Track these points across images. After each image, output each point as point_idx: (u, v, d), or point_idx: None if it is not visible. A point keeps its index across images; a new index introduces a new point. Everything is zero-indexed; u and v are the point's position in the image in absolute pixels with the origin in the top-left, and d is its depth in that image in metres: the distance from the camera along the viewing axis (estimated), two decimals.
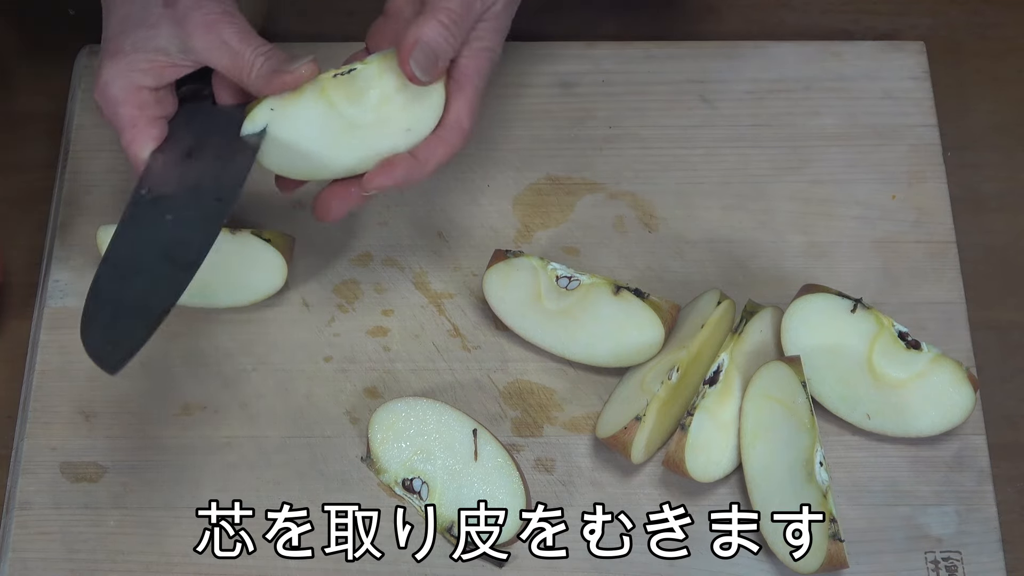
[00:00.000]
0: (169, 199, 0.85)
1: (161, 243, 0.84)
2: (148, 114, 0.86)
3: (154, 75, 0.85)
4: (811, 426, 0.88)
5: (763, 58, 1.07)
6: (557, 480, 0.93)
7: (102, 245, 0.96)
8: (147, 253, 0.84)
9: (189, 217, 0.84)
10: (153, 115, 0.86)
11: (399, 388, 0.95)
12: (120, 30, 0.85)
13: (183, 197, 0.85)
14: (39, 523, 0.91)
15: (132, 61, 0.84)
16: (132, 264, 0.84)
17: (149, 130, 0.86)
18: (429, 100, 0.87)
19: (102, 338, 0.82)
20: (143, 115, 0.85)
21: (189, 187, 0.85)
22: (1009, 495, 0.93)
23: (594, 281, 0.94)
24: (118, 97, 0.85)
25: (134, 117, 0.85)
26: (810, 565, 0.87)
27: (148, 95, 0.85)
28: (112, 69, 0.85)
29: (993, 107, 1.07)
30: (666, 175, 1.03)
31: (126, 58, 0.84)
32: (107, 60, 0.85)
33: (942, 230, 1.01)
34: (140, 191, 0.86)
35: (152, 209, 0.85)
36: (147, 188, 0.86)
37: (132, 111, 0.85)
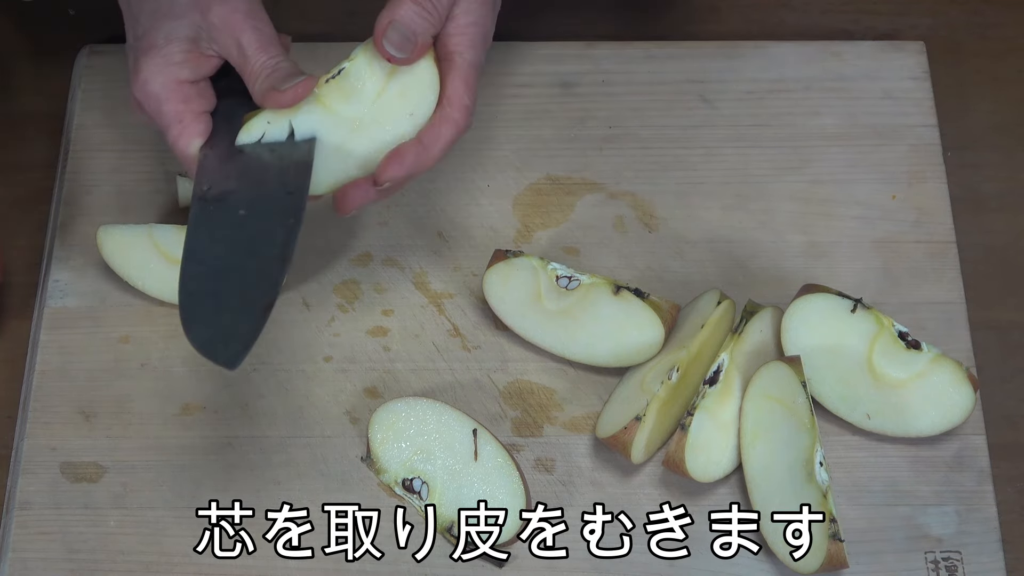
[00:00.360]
0: (235, 195, 0.84)
1: (242, 239, 0.83)
2: (193, 108, 0.84)
3: (191, 67, 0.84)
4: (811, 426, 0.88)
5: (763, 58, 1.07)
6: (557, 480, 0.93)
7: (102, 246, 0.96)
8: (231, 250, 0.83)
9: (263, 211, 0.83)
10: (198, 109, 0.85)
11: (399, 388, 0.95)
12: (151, 25, 0.84)
13: (249, 192, 0.84)
14: (39, 523, 0.91)
15: (168, 54, 0.83)
16: (218, 261, 0.82)
17: (195, 125, 0.84)
18: (423, 80, 0.86)
19: (211, 336, 0.81)
20: (188, 109, 0.84)
21: (253, 182, 0.84)
22: (1009, 495, 0.93)
23: (594, 281, 0.94)
24: (160, 94, 0.84)
25: (179, 112, 0.84)
26: (810, 565, 0.87)
27: (190, 88, 0.84)
28: (150, 65, 0.83)
29: (993, 107, 1.07)
30: (666, 175, 1.03)
31: (161, 51, 0.83)
32: (143, 57, 0.84)
33: (942, 230, 1.01)
34: (202, 187, 0.84)
35: (220, 206, 0.84)
36: (208, 184, 0.84)
37: (177, 106, 0.84)
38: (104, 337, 0.97)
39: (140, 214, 1.00)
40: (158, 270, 0.96)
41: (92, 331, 0.97)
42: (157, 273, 0.96)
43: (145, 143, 1.03)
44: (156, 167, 1.03)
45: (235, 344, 0.80)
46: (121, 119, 1.04)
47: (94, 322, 0.97)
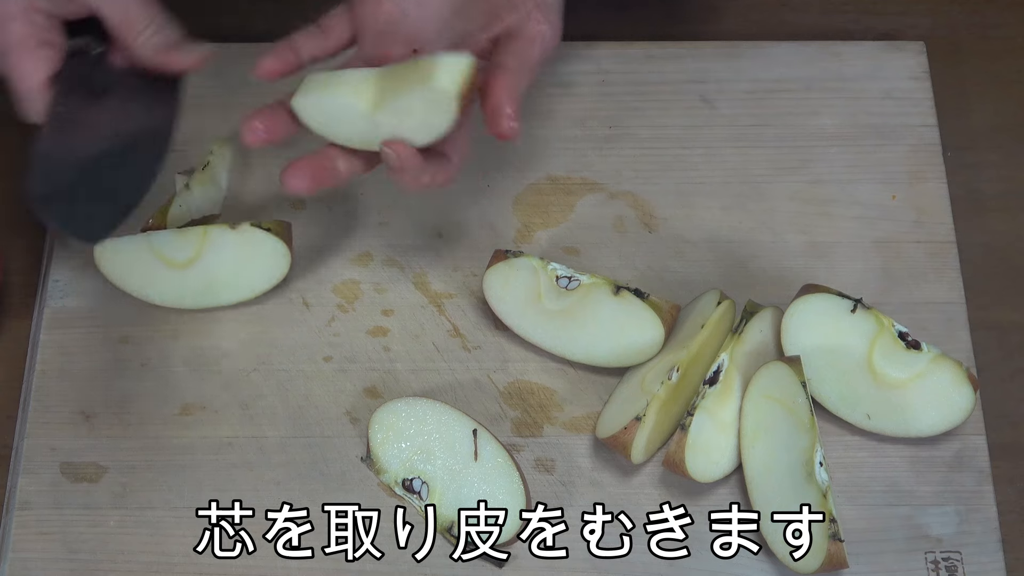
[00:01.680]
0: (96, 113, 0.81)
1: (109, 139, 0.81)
2: (40, 36, 0.80)
3: (54, 2, 0.80)
4: (811, 426, 0.88)
5: (763, 58, 1.07)
6: (557, 480, 0.93)
7: (100, 262, 0.95)
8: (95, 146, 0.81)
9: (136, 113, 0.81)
10: (45, 38, 0.80)
11: (399, 388, 0.95)
12: None
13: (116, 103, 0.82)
14: (39, 523, 0.91)
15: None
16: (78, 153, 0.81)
17: (40, 51, 0.80)
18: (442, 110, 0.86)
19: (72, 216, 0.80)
20: (34, 35, 0.80)
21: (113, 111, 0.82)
22: (1009, 495, 0.93)
23: (594, 281, 0.94)
24: (10, 11, 0.79)
25: (24, 36, 0.79)
26: (810, 565, 0.87)
27: (41, 18, 0.80)
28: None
29: (993, 107, 1.07)
30: (666, 175, 1.03)
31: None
32: None
33: (942, 230, 1.01)
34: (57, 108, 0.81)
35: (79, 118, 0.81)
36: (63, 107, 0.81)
37: (23, 28, 0.79)
38: (104, 337, 0.97)
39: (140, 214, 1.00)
40: (160, 277, 0.96)
41: (92, 331, 0.97)
42: (159, 280, 0.96)
43: None
44: None
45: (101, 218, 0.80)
46: None
47: (94, 322, 0.97)
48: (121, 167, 0.81)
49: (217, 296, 0.97)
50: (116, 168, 0.81)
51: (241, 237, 0.95)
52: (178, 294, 0.96)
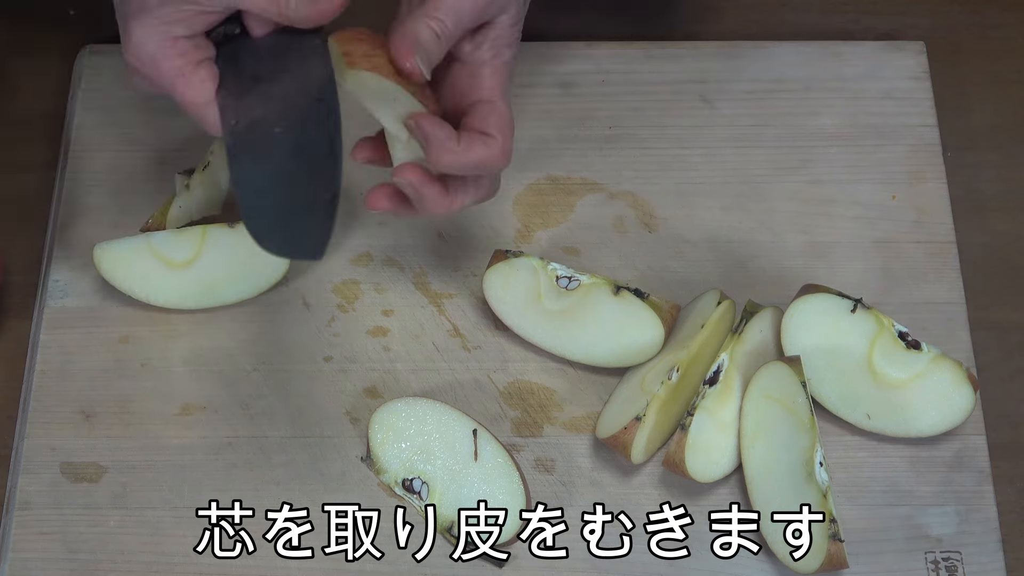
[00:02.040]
0: (265, 118, 0.83)
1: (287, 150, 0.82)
2: (192, 59, 0.82)
3: (186, 24, 0.82)
4: (811, 426, 0.88)
5: (763, 58, 1.07)
6: (557, 480, 0.93)
7: (99, 263, 0.95)
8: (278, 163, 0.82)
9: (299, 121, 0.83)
10: (196, 59, 0.83)
11: (399, 388, 0.95)
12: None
13: (280, 110, 0.83)
14: (39, 523, 0.91)
15: (161, 15, 0.81)
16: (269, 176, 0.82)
17: (199, 72, 0.82)
18: None
19: (286, 238, 0.83)
20: (187, 62, 0.82)
21: (279, 100, 0.83)
22: (1009, 495, 0.93)
23: (594, 281, 0.94)
24: (156, 53, 0.82)
25: (179, 67, 0.82)
26: (810, 565, 0.87)
27: (185, 43, 0.82)
28: (142, 27, 0.81)
29: (993, 107, 1.07)
30: (666, 175, 1.03)
31: (153, 13, 0.81)
32: (132, 20, 0.82)
33: (942, 230, 1.01)
34: (230, 123, 0.83)
35: (254, 131, 0.83)
36: (235, 119, 0.83)
37: (175, 62, 0.82)
38: (104, 337, 0.97)
39: (140, 214, 1.00)
40: (160, 278, 0.96)
41: (92, 331, 0.97)
42: (159, 281, 0.96)
43: (145, 143, 1.03)
44: (156, 167, 1.03)
45: (313, 238, 0.82)
46: (121, 119, 1.04)
47: (94, 322, 0.97)
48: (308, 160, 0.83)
49: (217, 296, 0.97)
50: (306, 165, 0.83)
51: (240, 236, 0.95)
52: (178, 294, 0.96)
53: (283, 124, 0.83)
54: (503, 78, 0.87)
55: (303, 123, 0.83)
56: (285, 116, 0.83)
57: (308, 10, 0.83)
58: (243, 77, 0.84)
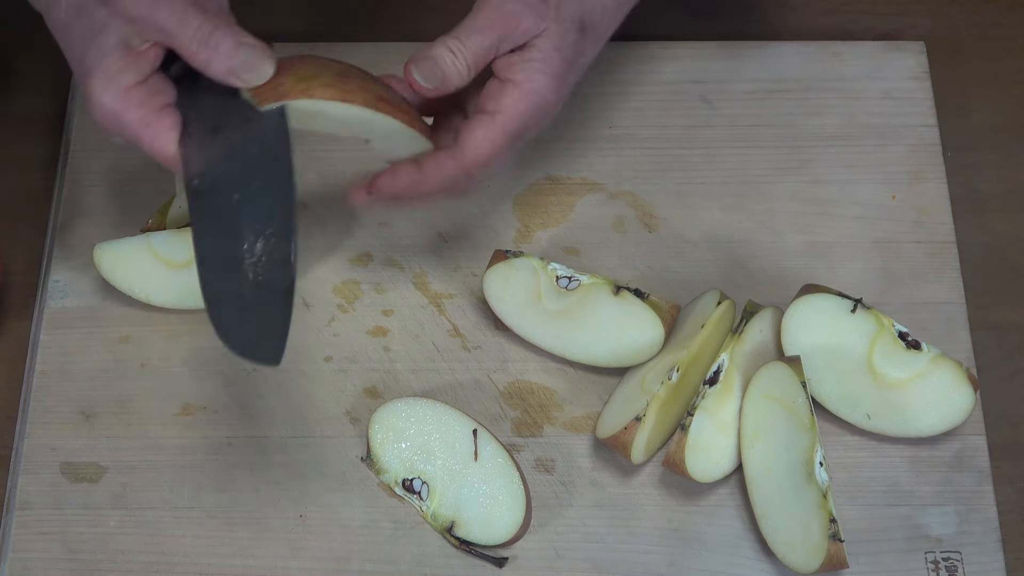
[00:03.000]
0: (223, 179, 0.82)
1: (243, 224, 0.81)
2: (152, 107, 0.82)
3: (133, 71, 0.81)
4: (811, 426, 0.88)
5: (763, 58, 1.07)
6: (557, 480, 0.93)
7: (99, 263, 0.95)
8: (236, 241, 0.81)
9: (256, 189, 0.82)
10: (158, 106, 0.82)
11: (399, 388, 0.95)
12: (81, 49, 0.82)
13: (237, 172, 0.82)
14: (39, 523, 0.91)
15: (105, 68, 0.81)
16: (229, 256, 0.81)
17: (163, 122, 0.82)
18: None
19: (246, 337, 0.81)
20: (148, 111, 0.82)
21: (237, 159, 0.82)
22: (1009, 495, 0.93)
23: (594, 281, 0.94)
24: (116, 107, 0.81)
25: (141, 117, 0.82)
26: (810, 565, 0.87)
27: (141, 91, 0.82)
28: (96, 85, 0.81)
29: (993, 107, 1.07)
30: (666, 175, 1.03)
31: (98, 68, 0.81)
32: (86, 82, 0.82)
33: (942, 230, 1.01)
34: (192, 182, 0.82)
35: (213, 196, 0.82)
36: (195, 178, 0.82)
37: (136, 113, 0.82)
38: (104, 337, 0.97)
39: (140, 214, 1.00)
40: (160, 278, 0.96)
41: (92, 331, 0.97)
42: (159, 281, 0.96)
43: None
44: (156, 167, 1.02)
45: (271, 339, 0.80)
46: None
47: (94, 322, 0.97)
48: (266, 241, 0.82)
49: None
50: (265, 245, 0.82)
51: None
52: (178, 294, 0.96)
53: (241, 189, 0.82)
54: (526, 105, 0.85)
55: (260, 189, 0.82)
56: (243, 178, 0.82)
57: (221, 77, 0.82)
58: (202, 128, 0.83)
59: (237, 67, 0.81)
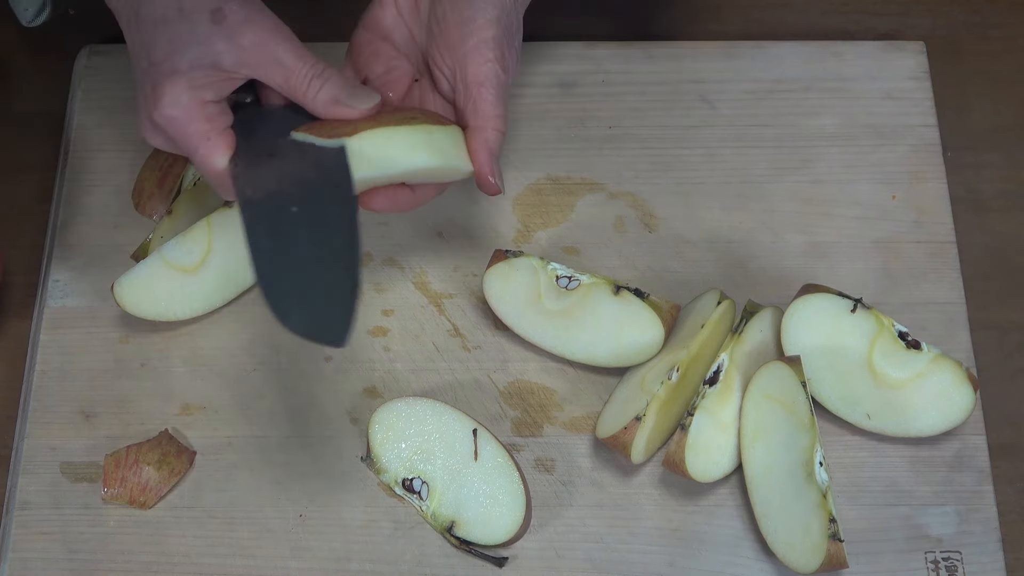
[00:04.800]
0: (280, 194, 0.85)
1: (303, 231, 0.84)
2: (218, 126, 0.85)
3: (214, 89, 0.85)
4: (811, 426, 0.88)
5: (763, 58, 1.07)
6: (557, 480, 0.93)
7: (123, 300, 0.94)
8: (295, 242, 0.84)
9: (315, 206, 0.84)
10: (222, 126, 0.86)
11: (399, 388, 0.95)
12: (171, 50, 0.85)
13: (295, 191, 0.85)
14: (39, 523, 0.91)
15: (193, 78, 0.84)
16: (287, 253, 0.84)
17: (221, 140, 0.85)
18: None
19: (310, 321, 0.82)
20: (213, 128, 0.85)
21: (295, 180, 0.85)
22: (1009, 495, 0.94)
23: (594, 281, 0.94)
24: (184, 116, 0.84)
25: (206, 131, 0.85)
26: (810, 565, 0.87)
27: (213, 108, 0.85)
28: (174, 88, 0.84)
29: (993, 107, 1.07)
30: (666, 175, 1.03)
31: (184, 76, 0.84)
32: (164, 81, 0.84)
33: (942, 230, 1.01)
34: (245, 192, 0.85)
35: (269, 205, 0.85)
36: (250, 189, 0.85)
37: (203, 126, 0.85)
38: (104, 337, 0.97)
39: (140, 214, 1.00)
40: (181, 289, 0.95)
41: (92, 331, 0.97)
42: (182, 293, 0.95)
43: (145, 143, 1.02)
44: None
45: (337, 324, 0.81)
46: (121, 119, 1.04)
47: (94, 322, 0.97)
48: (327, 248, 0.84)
49: (237, 282, 0.96)
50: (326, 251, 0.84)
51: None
52: (203, 298, 0.96)
53: (299, 204, 0.84)
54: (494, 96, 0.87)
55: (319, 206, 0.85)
56: (302, 195, 0.85)
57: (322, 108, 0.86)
58: (257, 149, 0.86)
59: (344, 97, 0.85)
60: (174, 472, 0.91)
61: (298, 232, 0.84)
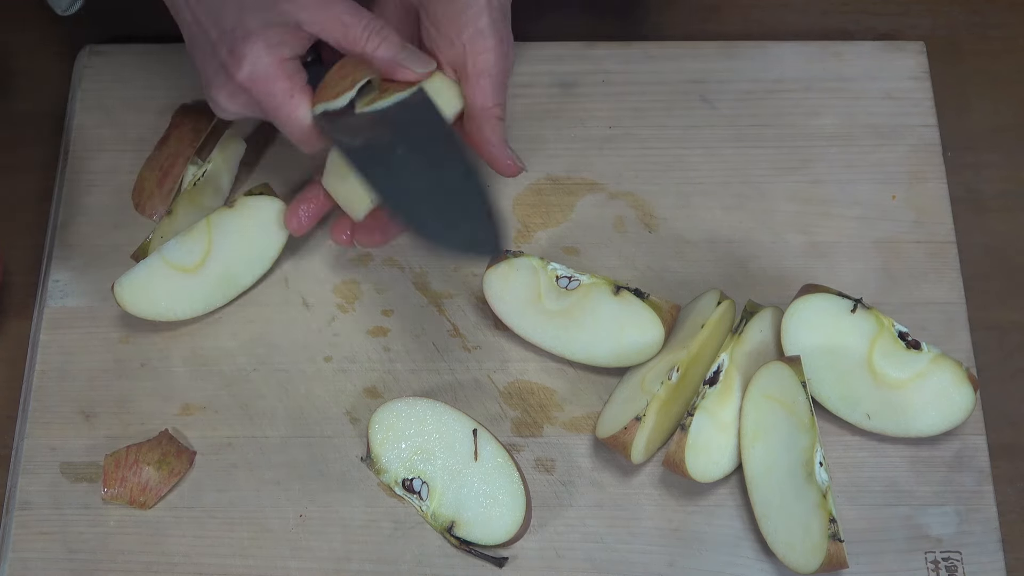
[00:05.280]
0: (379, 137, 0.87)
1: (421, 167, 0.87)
2: (299, 82, 0.87)
3: (291, 46, 0.87)
4: (811, 426, 0.88)
5: (763, 58, 1.07)
6: (557, 480, 0.93)
7: (123, 300, 0.94)
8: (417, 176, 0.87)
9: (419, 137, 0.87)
10: (302, 82, 0.88)
11: (399, 388, 0.95)
12: (241, 16, 0.86)
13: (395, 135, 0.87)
14: (39, 523, 0.91)
15: (268, 37, 0.86)
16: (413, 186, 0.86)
17: (304, 96, 0.87)
18: None
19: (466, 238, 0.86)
20: (295, 84, 0.87)
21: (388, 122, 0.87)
22: (1009, 495, 0.93)
23: (594, 281, 0.94)
24: (269, 73, 0.86)
25: (289, 88, 0.87)
26: (810, 565, 0.87)
27: (292, 65, 0.87)
28: (254, 49, 0.86)
29: (993, 107, 1.07)
30: (666, 175, 1.03)
31: (261, 36, 0.86)
32: (242, 43, 0.86)
33: (942, 230, 1.01)
34: (343, 142, 0.87)
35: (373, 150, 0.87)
36: (346, 138, 0.87)
37: (285, 83, 0.87)
38: (104, 337, 0.97)
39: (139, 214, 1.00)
40: (181, 289, 0.95)
41: (92, 331, 0.97)
42: (181, 293, 0.95)
43: (145, 143, 1.02)
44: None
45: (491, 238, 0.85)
46: (121, 119, 1.04)
47: (94, 322, 0.97)
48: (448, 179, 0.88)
49: (237, 282, 0.96)
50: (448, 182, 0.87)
51: (240, 211, 0.95)
52: (204, 298, 0.96)
53: (404, 145, 0.87)
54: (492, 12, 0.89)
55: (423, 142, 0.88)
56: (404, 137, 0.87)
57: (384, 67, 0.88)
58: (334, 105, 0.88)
59: (403, 58, 0.88)
60: (174, 472, 0.91)
61: (414, 166, 0.86)
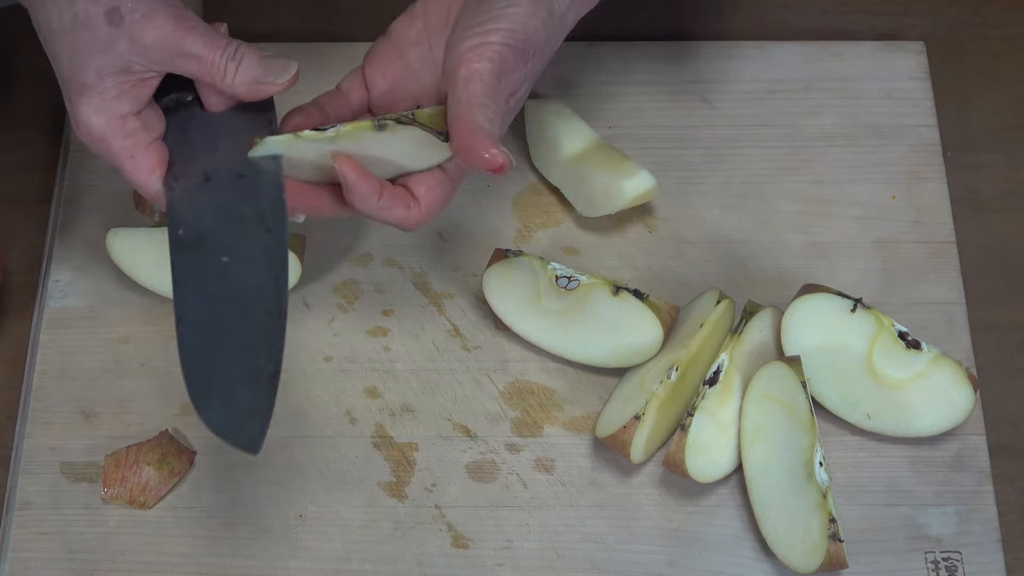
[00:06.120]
0: (212, 237, 0.80)
1: (231, 292, 0.79)
2: (141, 141, 0.81)
3: (130, 99, 0.80)
4: (811, 426, 0.88)
5: (763, 58, 1.07)
6: (557, 480, 0.93)
7: (111, 248, 0.95)
8: (222, 306, 0.79)
9: (247, 255, 0.79)
10: (147, 140, 0.81)
11: (399, 388, 0.95)
12: (76, 64, 0.79)
13: (227, 232, 0.80)
14: (39, 523, 0.91)
15: (104, 91, 0.79)
16: (213, 323, 0.79)
17: (148, 157, 0.81)
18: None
19: (226, 416, 0.77)
20: (136, 143, 0.81)
21: (227, 218, 0.80)
22: (1009, 495, 0.93)
23: (594, 281, 0.94)
24: (104, 132, 0.80)
25: (128, 148, 0.80)
26: (810, 565, 0.87)
27: (134, 121, 0.81)
28: (88, 105, 0.79)
29: (993, 107, 1.07)
30: (666, 175, 1.02)
31: (95, 89, 0.79)
32: (76, 98, 0.80)
33: (942, 230, 1.01)
34: (176, 231, 0.81)
35: (199, 251, 0.80)
36: (181, 228, 0.81)
37: (123, 143, 0.80)
38: (104, 337, 0.97)
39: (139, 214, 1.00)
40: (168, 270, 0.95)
41: (92, 331, 0.97)
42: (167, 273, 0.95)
43: None
44: None
45: (252, 424, 0.77)
46: None
47: (94, 322, 0.97)
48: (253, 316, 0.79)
49: None
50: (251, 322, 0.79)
51: None
52: None
53: (230, 253, 0.80)
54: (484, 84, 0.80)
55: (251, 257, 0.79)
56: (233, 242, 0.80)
57: (244, 92, 0.81)
58: (191, 171, 0.81)
59: (262, 74, 0.80)
60: (174, 472, 0.91)
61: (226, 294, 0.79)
